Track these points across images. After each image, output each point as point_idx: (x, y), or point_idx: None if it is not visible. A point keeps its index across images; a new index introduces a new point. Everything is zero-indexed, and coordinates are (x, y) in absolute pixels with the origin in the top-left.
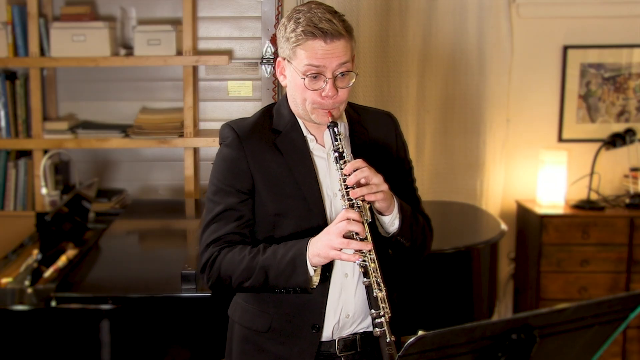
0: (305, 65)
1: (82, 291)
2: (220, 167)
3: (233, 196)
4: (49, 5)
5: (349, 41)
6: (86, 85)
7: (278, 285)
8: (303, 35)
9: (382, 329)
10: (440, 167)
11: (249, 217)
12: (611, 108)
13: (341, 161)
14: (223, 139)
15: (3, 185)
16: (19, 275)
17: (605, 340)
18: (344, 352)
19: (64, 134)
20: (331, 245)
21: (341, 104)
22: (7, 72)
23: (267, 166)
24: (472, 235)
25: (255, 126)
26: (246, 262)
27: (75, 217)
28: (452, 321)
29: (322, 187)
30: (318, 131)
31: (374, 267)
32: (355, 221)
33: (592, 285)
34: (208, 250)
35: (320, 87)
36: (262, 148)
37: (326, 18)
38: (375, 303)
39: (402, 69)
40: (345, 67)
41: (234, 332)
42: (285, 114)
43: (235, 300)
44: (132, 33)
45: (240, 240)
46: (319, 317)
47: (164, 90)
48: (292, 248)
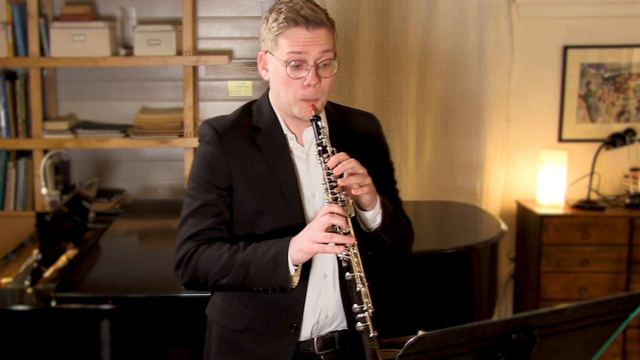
0: (287, 54)
1: (82, 291)
2: (199, 164)
3: (211, 192)
4: (49, 5)
5: (331, 31)
6: (86, 85)
7: (257, 283)
8: (285, 23)
9: (365, 324)
10: (440, 167)
11: (227, 214)
12: (611, 108)
13: (324, 155)
14: (202, 136)
15: (3, 185)
16: (19, 275)
17: (605, 340)
18: (323, 350)
19: (64, 134)
20: (314, 239)
21: (323, 95)
22: (7, 72)
23: (247, 164)
24: (472, 235)
25: (235, 123)
26: (224, 259)
27: (75, 217)
28: (452, 321)
29: (301, 186)
30: (298, 130)
31: (357, 261)
32: (337, 215)
33: (592, 285)
34: (185, 246)
35: (302, 75)
36: (242, 146)
37: (308, 6)
38: (359, 298)
39: (402, 69)
40: (327, 56)
41: (212, 331)
42: (266, 111)
43: (213, 299)
44: (132, 33)
45: (218, 237)
46: (297, 317)
47: (164, 90)
48: (274, 246)
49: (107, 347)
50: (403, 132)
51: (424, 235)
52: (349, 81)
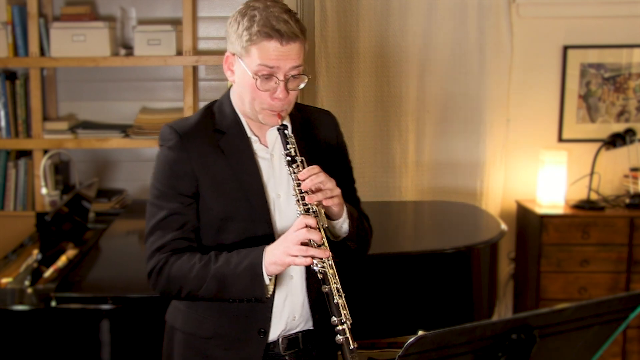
0: (258, 65)
1: (82, 291)
2: (162, 170)
3: (177, 200)
4: (49, 5)
5: (304, 43)
6: (86, 85)
7: (232, 295)
8: (258, 35)
9: (344, 337)
10: (440, 167)
11: (194, 221)
12: (611, 108)
13: (294, 165)
14: (164, 141)
15: (3, 185)
16: (19, 275)
17: (605, 340)
18: (287, 350)
19: (64, 134)
20: (288, 252)
21: (290, 106)
22: (7, 72)
23: (211, 168)
24: (472, 235)
25: (198, 126)
26: (196, 271)
27: (75, 217)
28: (452, 321)
29: (266, 188)
30: (261, 131)
31: (333, 273)
32: (313, 229)
33: (592, 285)
34: (154, 258)
35: (271, 87)
36: (206, 149)
37: (283, 18)
38: (337, 310)
39: (402, 69)
40: (298, 70)
41: (175, 339)
42: (228, 113)
43: (175, 305)
44: (132, 33)
45: (187, 246)
46: (265, 321)
47: (164, 90)
48: (247, 257)
49: (107, 347)
50: (403, 132)
51: (424, 235)
52: (349, 81)
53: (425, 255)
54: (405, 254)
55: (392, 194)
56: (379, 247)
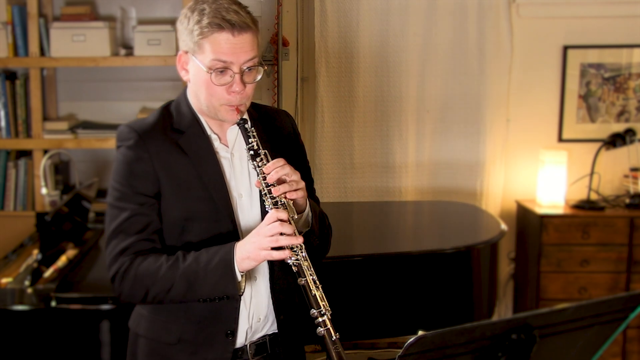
0: (211, 60)
1: (82, 291)
2: (122, 170)
3: (138, 201)
4: (49, 5)
5: (256, 34)
6: (86, 85)
7: (203, 293)
8: (209, 28)
9: (325, 328)
10: (440, 167)
11: (157, 222)
12: (611, 108)
13: (257, 159)
14: (123, 141)
15: (3, 185)
16: (19, 275)
17: (605, 340)
18: (256, 356)
19: (64, 134)
20: (261, 246)
21: (248, 100)
22: (7, 72)
23: (172, 168)
24: (472, 235)
25: (156, 126)
26: (164, 272)
27: (75, 217)
28: (452, 321)
29: (229, 188)
30: (221, 130)
31: (308, 265)
32: (285, 222)
33: (592, 285)
34: (118, 262)
35: (226, 82)
36: (166, 149)
37: (233, 9)
38: (315, 302)
39: (402, 69)
40: (252, 62)
41: (138, 346)
42: (186, 112)
43: (137, 311)
44: (132, 33)
45: (150, 248)
46: (233, 322)
47: (164, 90)
48: (217, 253)
49: (107, 347)
50: (403, 132)
51: (424, 235)
52: (349, 81)
53: (425, 255)
54: (406, 254)
55: (392, 194)
56: (379, 247)
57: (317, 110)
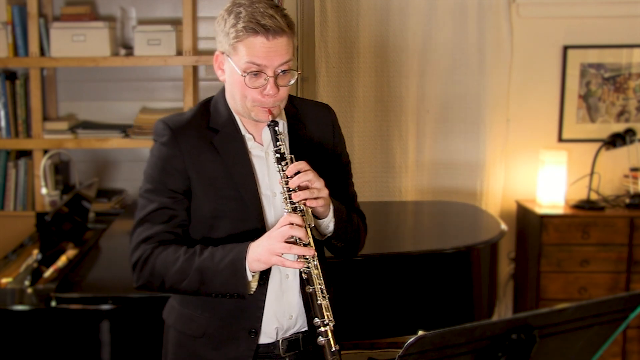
0: (245, 63)
1: (82, 291)
2: (155, 165)
3: (167, 195)
4: (49, 5)
5: (291, 38)
6: (86, 85)
7: (213, 289)
8: (244, 32)
9: (326, 338)
10: (440, 167)
11: (183, 217)
12: (611, 108)
13: (282, 162)
14: (158, 136)
15: (3, 185)
16: (19, 275)
17: (605, 340)
18: (287, 352)
19: (64, 134)
20: (273, 250)
21: (281, 102)
22: (7, 72)
23: (204, 166)
24: (472, 235)
25: (192, 123)
26: (180, 263)
27: (75, 217)
28: (452, 321)
29: (260, 187)
30: (256, 129)
31: (318, 273)
32: (297, 226)
33: (592, 285)
34: (140, 249)
35: (260, 84)
36: (199, 147)
37: (268, 14)
38: (320, 311)
39: (402, 69)
40: (287, 66)
41: (169, 336)
42: (223, 111)
43: (170, 303)
44: (132, 33)
45: (173, 240)
46: (256, 321)
47: (164, 90)
48: (231, 252)
49: (107, 347)
50: (403, 132)
51: (424, 235)
52: (349, 81)
53: (426, 255)
54: (406, 254)
55: (392, 194)
56: (379, 247)
57: None
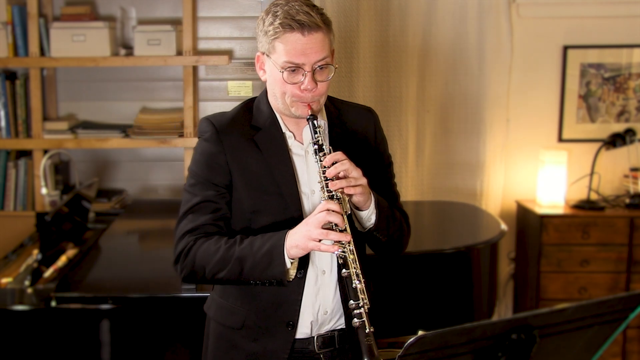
0: (284, 61)
1: (82, 291)
2: (199, 160)
3: (210, 189)
4: (49, 5)
5: (327, 34)
6: (86, 85)
7: (254, 276)
8: (281, 28)
9: (361, 320)
10: (440, 167)
11: (226, 210)
12: (611, 108)
13: (320, 153)
14: (202, 133)
15: (3, 185)
16: (19, 275)
17: (605, 340)
18: (322, 349)
19: (64, 134)
20: (310, 236)
21: (321, 97)
22: (7, 72)
23: (246, 162)
24: (472, 235)
25: (235, 121)
26: (222, 253)
27: (75, 217)
28: (452, 321)
29: (299, 184)
30: (297, 127)
31: (353, 258)
32: (334, 212)
33: (592, 285)
34: (183, 240)
35: (299, 80)
36: (241, 144)
37: (304, 10)
38: (355, 294)
39: (402, 69)
40: (324, 61)
41: (210, 328)
42: (265, 110)
43: (211, 296)
44: (132, 33)
45: (216, 232)
46: (294, 314)
47: (164, 90)
48: (270, 240)
49: (107, 347)
50: (403, 132)
51: (424, 235)
52: (349, 81)
53: (426, 256)
54: (406, 254)
55: None
56: None
57: None
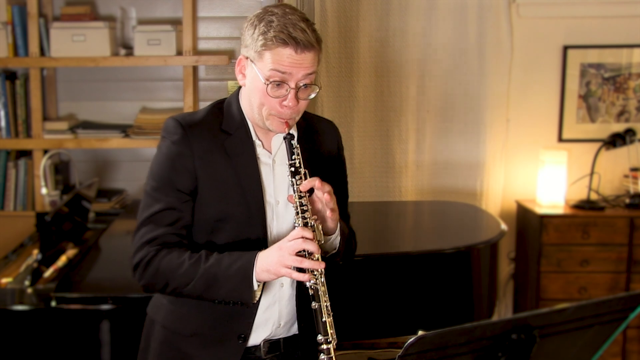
0: (270, 70)
1: (82, 291)
2: (163, 163)
3: (173, 195)
4: (49, 5)
5: (318, 53)
6: (86, 85)
7: (218, 295)
8: (274, 41)
9: (329, 356)
10: (440, 167)
11: (188, 218)
12: (611, 108)
13: (297, 177)
14: (169, 134)
15: (3, 185)
16: (19, 275)
17: (605, 340)
18: (269, 354)
19: (64, 134)
20: (284, 262)
21: (298, 115)
22: (7, 72)
23: (213, 168)
24: (472, 235)
25: (204, 124)
26: (186, 268)
27: (75, 217)
28: (452, 321)
29: (265, 194)
30: (266, 136)
31: (324, 290)
32: (309, 240)
33: (592, 285)
34: (143, 250)
35: (282, 95)
36: (211, 148)
37: (300, 27)
38: (324, 329)
39: (402, 69)
40: (310, 79)
41: (154, 332)
42: (236, 115)
43: (158, 299)
44: (132, 33)
45: (177, 242)
46: (246, 327)
47: (164, 90)
48: (239, 259)
49: (107, 347)
50: (403, 132)
51: (424, 235)
52: (349, 81)
53: (426, 255)
54: (406, 254)
55: (392, 194)
56: (380, 247)
57: (317, 110)
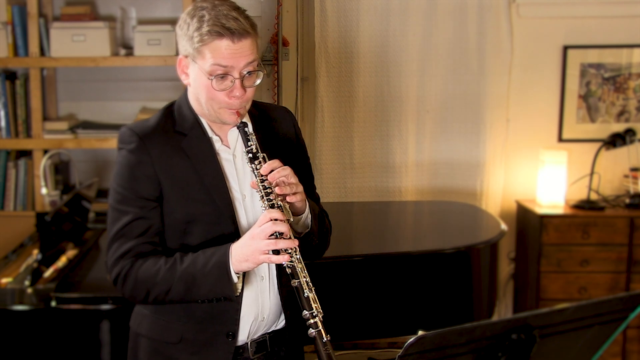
0: (212, 65)
1: (82, 291)
2: (124, 173)
3: (139, 204)
4: (49, 5)
5: (255, 38)
6: (86, 85)
7: (200, 295)
8: (209, 35)
9: (317, 329)
10: (440, 167)
11: (158, 224)
12: (611, 108)
13: (256, 162)
14: (124, 144)
15: (3, 185)
16: (19, 275)
17: (605, 340)
18: (256, 354)
19: (64, 134)
20: (259, 249)
21: (247, 103)
22: (7, 72)
23: (174, 171)
24: (472, 235)
25: (158, 129)
26: (163, 274)
27: (75, 217)
28: (452, 321)
29: (231, 189)
30: (222, 131)
31: (302, 267)
32: (279, 221)
33: (592, 285)
34: (118, 265)
35: (227, 87)
36: (168, 152)
37: (232, 16)
38: (308, 303)
39: (402, 69)
40: (252, 66)
41: (140, 346)
42: (188, 115)
43: (139, 311)
44: (132, 33)
45: (151, 250)
46: (233, 324)
47: (164, 90)
48: (213, 255)
49: (107, 347)
50: (403, 132)
51: (424, 235)
52: (349, 81)
53: (426, 255)
54: (406, 254)
55: (392, 194)
56: (380, 247)
57: (317, 110)
